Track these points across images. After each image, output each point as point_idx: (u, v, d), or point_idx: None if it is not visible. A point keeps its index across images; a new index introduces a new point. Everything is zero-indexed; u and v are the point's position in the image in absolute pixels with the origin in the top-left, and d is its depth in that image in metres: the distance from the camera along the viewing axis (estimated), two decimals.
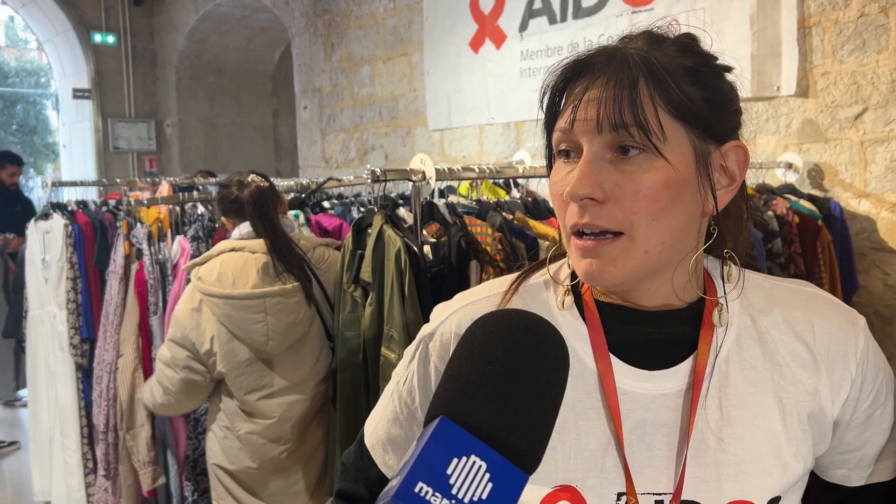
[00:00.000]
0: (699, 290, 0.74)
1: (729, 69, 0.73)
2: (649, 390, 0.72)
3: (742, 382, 0.72)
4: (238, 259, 1.98)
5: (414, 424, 0.80)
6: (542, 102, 0.73)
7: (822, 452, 0.77)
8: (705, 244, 0.74)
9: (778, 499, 0.71)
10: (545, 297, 0.77)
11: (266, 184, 2.05)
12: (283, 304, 1.96)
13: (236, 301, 1.93)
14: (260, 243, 1.99)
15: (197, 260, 2.06)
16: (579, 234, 0.69)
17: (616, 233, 0.67)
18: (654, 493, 0.71)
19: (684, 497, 0.70)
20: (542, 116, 0.73)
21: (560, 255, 0.81)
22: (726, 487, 0.70)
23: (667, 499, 0.70)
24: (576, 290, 0.77)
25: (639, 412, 0.71)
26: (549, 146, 0.74)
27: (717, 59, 0.73)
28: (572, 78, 0.70)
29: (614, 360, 0.73)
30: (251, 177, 2.04)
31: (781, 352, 0.74)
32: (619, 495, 0.70)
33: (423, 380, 0.78)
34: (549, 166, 0.75)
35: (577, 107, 0.68)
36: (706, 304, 0.74)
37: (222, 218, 2.14)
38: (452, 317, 0.77)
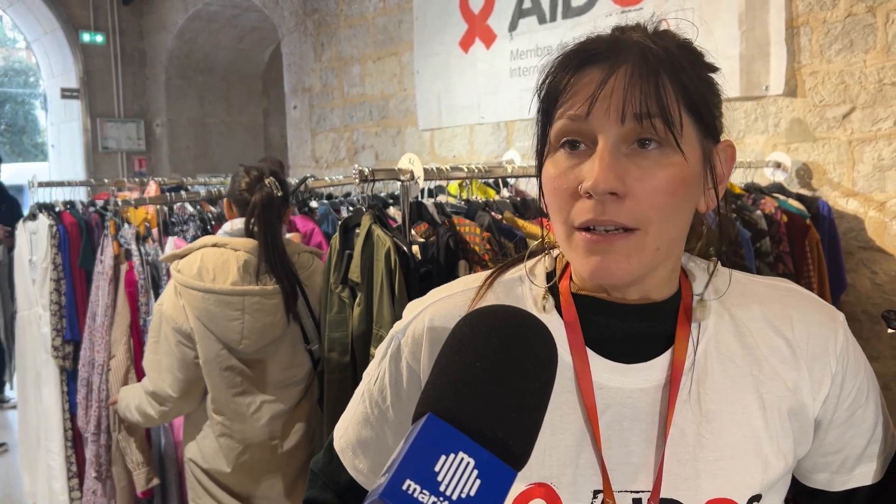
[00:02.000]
0: (673, 285, 0.73)
1: (716, 69, 0.72)
2: (626, 384, 0.70)
3: (721, 377, 0.71)
4: (219, 255, 1.96)
5: (385, 425, 0.78)
6: (540, 91, 0.70)
7: (804, 454, 0.75)
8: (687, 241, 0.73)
9: (759, 497, 0.70)
10: (519, 292, 0.76)
11: (279, 192, 2.02)
12: (262, 305, 1.95)
13: (216, 296, 1.91)
14: (244, 242, 1.98)
15: (177, 252, 2.03)
16: (587, 229, 0.66)
17: (628, 228, 0.65)
18: (631, 491, 0.69)
19: (663, 495, 0.68)
20: (539, 105, 0.70)
21: (535, 252, 0.79)
22: (705, 485, 0.69)
23: (644, 497, 0.69)
24: (550, 282, 0.75)
25: (616, 407, 0.70)
26: (542, 137, 0.70)
27: (706, 55, 0.72)
28: (577, 67, 0.67)
29: (591, 353, 0.71)
30: (268, 180, 2.02)
31: (760, 346, 0.72)
32: (596, 493, 0.69)
33: (395, 378, 0.76)
34: (541, 158, 0.71)
35: (597, 95, 0.65)
36: (682, 298, 0.73)
37: (225, 199, 2.13)
38: (425, 313, 0.76)
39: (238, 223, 2.02)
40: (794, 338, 0.73)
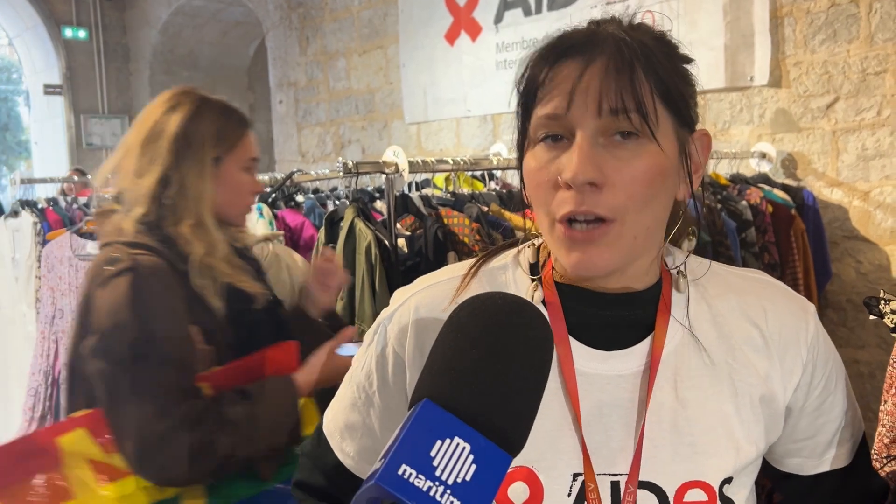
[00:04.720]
0: (654, 275, 0.76)
1: (690, 60, 0.74)
2: (606, 371, 0.73)
3: (697, 365, 0.74)
4: None
5: (371, 409, 0.80)
6: (519, 86, 0.72)
7: (775, 439, 0.78)
8: (666, 229, 0.75)
9: (730, 479, 0.73)
10: (503, 280, 0.78)
11: None
12: None
13: None
14: None
15: None
16: (569, 222, 0.68)
17: (606, 220, 0.67)
18: (610, 474, 0.71)
19: (641, 478, 0.71)
20: (519, 99, 0.72)
21: (519, 242, 0.81)
22: (681, 468, 0.71)
23: (623, 479, 0.71)
24: (534, 272, 0.77)
25: (596, 393, 0.72)
26: (523, 130, 0.72)
27: (680, 47, 0.74)
28: (555, 61, 0.69)
29: (572, 341, 0.73)
30: None
31: (735, 336, 0.75)
32: (575, 476, 0.71)
33: (381, 364, 0.78)
34: (521, 152, 0.73)
35: (575, 90, 0.67)
36: (663, 288, 0.76)
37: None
38: (410, 300, 0.78)
39: None
40: (767, 328, 0.76)
